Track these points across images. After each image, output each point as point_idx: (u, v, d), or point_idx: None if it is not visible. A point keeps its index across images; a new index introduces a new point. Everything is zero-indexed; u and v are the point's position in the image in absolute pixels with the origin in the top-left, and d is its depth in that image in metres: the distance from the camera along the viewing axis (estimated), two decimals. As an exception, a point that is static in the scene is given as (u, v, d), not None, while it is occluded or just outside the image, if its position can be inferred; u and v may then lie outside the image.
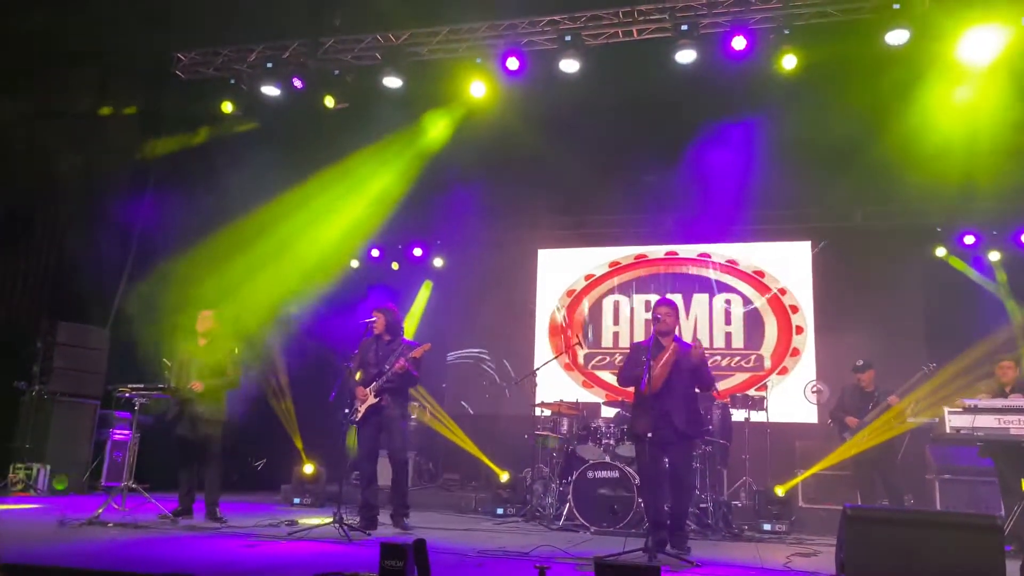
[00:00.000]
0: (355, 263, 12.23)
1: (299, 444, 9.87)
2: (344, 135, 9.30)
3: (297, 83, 8.98)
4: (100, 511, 6.27)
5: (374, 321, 6.75)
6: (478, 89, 8.78)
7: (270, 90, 9.05)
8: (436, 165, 9.70)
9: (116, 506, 6.67)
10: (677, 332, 6.09)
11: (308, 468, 8.99)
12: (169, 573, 4.28)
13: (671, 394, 5.79)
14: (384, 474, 7.03)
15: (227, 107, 9.28)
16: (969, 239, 9.99)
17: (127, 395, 6.91)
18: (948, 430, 6.83)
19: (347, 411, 6.54)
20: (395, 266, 12.18)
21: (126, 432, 8.41)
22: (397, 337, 6.86)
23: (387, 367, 6.60)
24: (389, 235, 12.04)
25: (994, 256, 9.97)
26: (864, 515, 4.67)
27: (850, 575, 4.46)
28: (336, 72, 9.00)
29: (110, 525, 6.04)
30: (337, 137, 9.35)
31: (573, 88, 8.48)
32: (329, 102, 9.01)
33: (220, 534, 5.99)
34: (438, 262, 12.00)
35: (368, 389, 6.63)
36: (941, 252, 10.21)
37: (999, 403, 6.76)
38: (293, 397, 9.99)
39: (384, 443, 6.82)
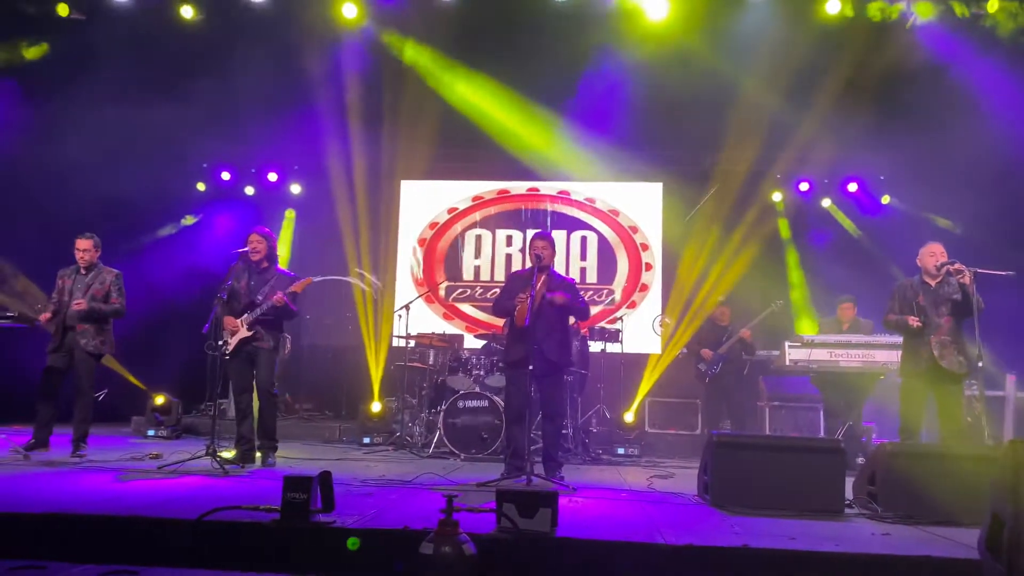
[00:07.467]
0: (201, 186, 11.59)
1: (130, 378, 9.41)
2: (202, 54, 8.61)
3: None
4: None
5: (253, 246, 6.34)
6: (349, 11, 8.47)
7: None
8: (296, 85, 9.27)
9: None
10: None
11: (160, 400, 8.63)
12: (42, 513, 4.01)
13: (544, 325, 5.93)
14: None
15: (64, 9, 8.39)
16: (804, 186, 10.77)
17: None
18: (787, 362, 7.58)
19: (220, 343, 6.21)
20: (249, 191, 11.61)
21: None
22: (272, 265, 6.47)
23: (260, 298, 6.26)
24: (240, 157, 11.47)
25: (826, 203, 10.86)
26: (728, 440, 5.13)
27: (715, 494, 4.92)
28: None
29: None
30: (194, 55, 8.66)
31: (449, 17, 8.34)
32: (187, 12, 8.34)
33: (83, 469, 5.69)
34: (295, 188, 11.55)
35: (240, 320, 6.26)
36: (777, 198, 10.98)
37: (831, 338, 7.56)
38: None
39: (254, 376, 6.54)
